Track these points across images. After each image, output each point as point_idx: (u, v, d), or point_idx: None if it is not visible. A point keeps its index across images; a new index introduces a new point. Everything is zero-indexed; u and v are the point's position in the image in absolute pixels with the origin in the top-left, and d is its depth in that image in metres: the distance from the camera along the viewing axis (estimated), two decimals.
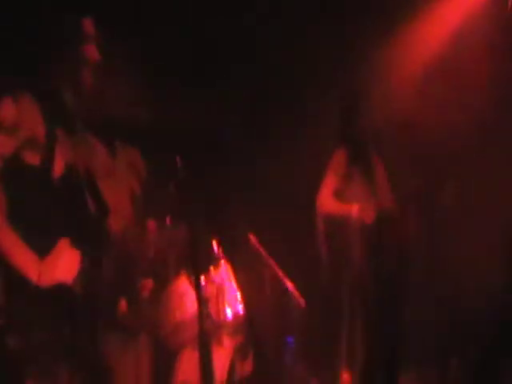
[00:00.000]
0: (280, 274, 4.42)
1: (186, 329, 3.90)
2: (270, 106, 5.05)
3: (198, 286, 2.93)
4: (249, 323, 4.16)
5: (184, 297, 3.95)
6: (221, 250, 4.28)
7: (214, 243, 4.28)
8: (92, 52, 2.42)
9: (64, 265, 2.32)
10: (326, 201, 3.99)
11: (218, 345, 3.86)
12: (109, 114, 2.65)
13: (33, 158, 2.33)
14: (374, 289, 3.92)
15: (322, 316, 4.50)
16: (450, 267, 4.42)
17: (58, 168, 2.39)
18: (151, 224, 3.69)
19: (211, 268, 4.13)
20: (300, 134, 4.73)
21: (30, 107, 2.31)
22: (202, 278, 3.98)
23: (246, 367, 3.96)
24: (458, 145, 4.58)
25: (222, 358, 3.78)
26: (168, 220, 3.88)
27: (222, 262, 4.22)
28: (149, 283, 3.68)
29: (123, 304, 3.29)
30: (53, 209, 2.37)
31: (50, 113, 2.35)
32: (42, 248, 2.35)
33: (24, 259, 2.26)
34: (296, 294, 4.36)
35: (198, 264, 2.92)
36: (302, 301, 4.35)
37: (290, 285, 4.39)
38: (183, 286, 3.99)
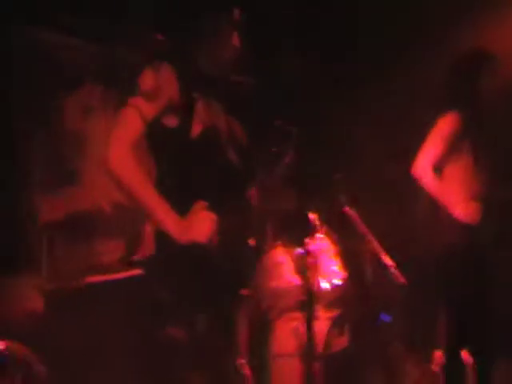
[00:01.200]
0: (379, 249, 4.30)
1: (282, 298, 3.89)
2: (373, 74, 4.93)
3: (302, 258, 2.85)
4: (346, 297, 4.09)
5: (280, 266, 3.93)
6: (318, 222, 4.23)
7: (312, 215, 4.23)
8: (235, 38, 2.67)
9: (200, 226, 2.50)
10: (424, 172, 3.51)
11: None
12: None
13: (172, 121, 2.53)
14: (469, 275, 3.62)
15: (420, 294, 4.36)
16: None
17: (196, 129, 2.58)
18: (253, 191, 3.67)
19: (308, 239, 4.08)
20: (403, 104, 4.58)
21: (168, 76, 2.50)
22: (299, 249, 3.95)
23: (341, 342, 3.89)
24: None
25: (317, 331, 3.71)
26: (268, 189, 3.85)
27: (319, 234, 4.17)
28: None
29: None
30: (193, 169, 2.57)
31: (187, 80, 2.55)
32: (184, 207, 2.54)
33: (165, 217, 2.47)
34: (396, 270, 4.24)
35: (302, 234, 2.87)
36: (402, 278, 4.22)
37: (389, 261, 4.27)
38: (280, 255, 3.97)
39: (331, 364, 3.71)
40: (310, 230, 4.11)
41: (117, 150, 2.40)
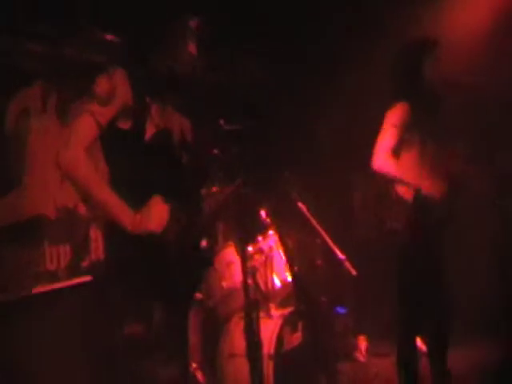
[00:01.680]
0: (330, 243, 4.32)
1: (234, 298, 3.87)
2: (323, 67, 4.95)
3: (244, 256, 2.89)
4: (298, 294, 4.10)
5: (231, 266, 3.91)
6: (269, 220, 4.22)
7: (263, 212, 4.22)
8: (193, 48, 2.80)
9: (153, 216, 2.63)
10: (385, 161, 3.49)
11: (266, 316, 3.81)
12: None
13: (126, 124, 2.67)
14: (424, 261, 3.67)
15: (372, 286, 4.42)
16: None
17: (150, 132, 2.72)
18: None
19: (259, 237, 4.08)
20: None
21: (122, 81, 2.64)
22: (250, 247, 3.94)
23: (295, 339, 3.90)
24: None
25: (269, 330, 3.72)
26: (216, 188, 3.82)
27: (271, 231, 4.16)
28: None
29: None
30: (145, 168, 2.68)
31: (139, 85, 2.68)
32: (136, 204, 2.67)
33: (120, 210, 2.60)
34: (347, 263, 4.26)
35: (247, 233, 2.90)
36: (352, 271, 4.25)
37: (340, 254, 4.29)
38: (231, 255, 3.95)
39: (284, 362, 3.70)
40: (261, 228, 4.12)
41: (71, 153, 2.57)
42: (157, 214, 2.64)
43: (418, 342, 3.93)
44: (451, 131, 3.69)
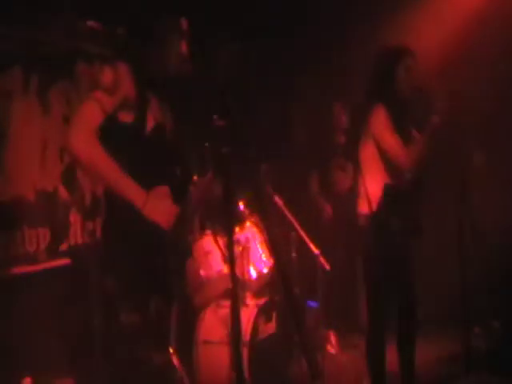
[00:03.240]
0: (305, 237, 4.40)
1: (211, 287, 3.93)
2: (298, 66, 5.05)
3: (229, 245, 2.91)
4: (272, 285, 4.17)
5: (209, 255, 3.97)
6: (247, 211, 4.28)
7: (241, 204, 4.28)
8: (184, 47, 2.88)
9: (165, 203, 2.71)
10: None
11: (242, 305, 3.87)
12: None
13: (127, 117, 2.71)
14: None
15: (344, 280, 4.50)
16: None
17: (150, 125, 2.77)
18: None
19: (237, 228, 4.13)
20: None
21: (125, 74, 2.69)
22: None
23: (269, 329, 3.97)
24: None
25: (245, 318, 3.78)
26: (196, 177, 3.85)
27: (248, 222, 4.22)
28: None
29: None
30: (144, 161, 2.72)
31: (141, 79, 2.73)
32: None
33: (132, 190, 2.65)
34: (321, 257, 4.35)
35: (230, 223, 2.93)
36: (326, 265, 4.33)
37: (315, 249, 4.37)
38: (208, 244, 4.00)
39: (258, 350, 3.76)
40: (239, 219, 4.17)
41: (79, 136, 2.59)
42: (164, 207, 2.70)
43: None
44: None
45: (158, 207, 2.68)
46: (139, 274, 2.68)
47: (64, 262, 3.79)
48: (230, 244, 2.67)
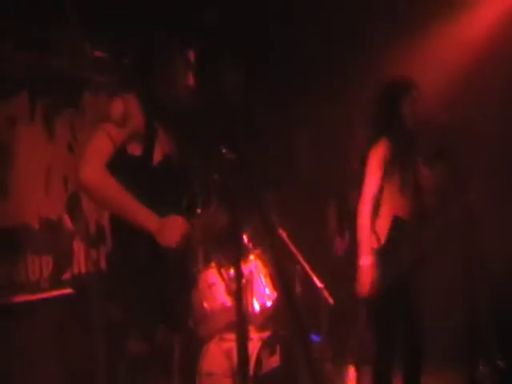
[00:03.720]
0: (309, 270, 4.36)
1: (214, 319, 3.88)
2: (309, 97, 5.08)
3: (237, 279, 2.87)
4: (276, 318, 4.11)
5: (213, 287, 3.92)
6: (251, 244, 4.25)
7: (245, 237, 4.25)
8: (190, 78, 2.90)
9: (175, 233, 2.69)
10: (365, 217, 3.61)
11: None
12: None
13: (136, 149, 2.71)
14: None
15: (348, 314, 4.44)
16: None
17: (158, 157, 2.76)
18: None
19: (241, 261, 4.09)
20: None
21: (134, 107, 2.69)
22: (231, 270, 3.95)
23: (273, 362, 3.91)
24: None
25: (249, 352, 3.72)
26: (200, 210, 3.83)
27: (251, 256, 4.19)
28: None
29: None
30: (152, 193, 2.69)
31: (149, 111, 2.74)
32: None
33: (146, 217, 2.64)
34: (325, 291, 4.30)
35: (238, 255, 2.89)
36: (330, 299, 4.29)
37: (318, 282, 4.34)
38: (212, 276, 3.96)
39: None
40: (243, 252, 4.14)
41: (89, 168, 2.57)
42: (179, 232, 2.69)
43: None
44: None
45: (175, 231, 2.67)
46: (146, 303, 2.65)
47: (67, 291, 3.74)
48: (238, 276, 2.65)
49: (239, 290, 2.71)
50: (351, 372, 4.64)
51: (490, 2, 5.06)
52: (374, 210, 3.67)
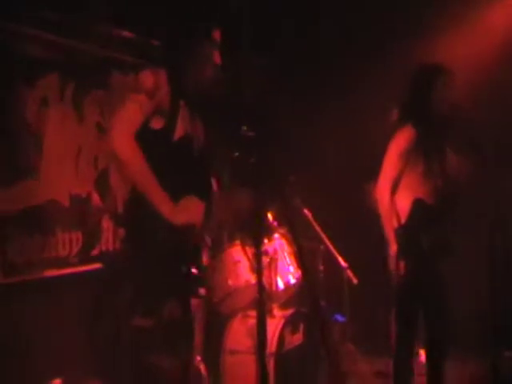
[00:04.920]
0: (333, 250, 4.41)
1: (238, 296, 3.93)
2: (334, 86, 5.09)
3: (257, 256, 2.92)
4: (300, 296, 4.16)
5: (237, 265, 3.97)
6: (276, 223, 4.29)
7: (270, 215, 4.29)
8: (217, 57, 2.95)
9: (192, 209, 2.80)
10: (382, 197, 3.63)
11: (268, 315, 3.86)
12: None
13: (158, 124, 2.77)
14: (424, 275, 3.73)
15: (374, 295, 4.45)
16: None
17: (179, 133, 2.82)
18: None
19: (265, 239, 4.14)
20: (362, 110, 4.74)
21: (163, 80, 2.75)
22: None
23: (295, 340, 3.96)
24: None
25: (272, 329, 3.78)
26: (227, 186, 3.89)
27: (277, 234, 4.23)
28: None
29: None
30: (171, 168, 2.78)
31: (177, 87, 2.79)
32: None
33: (161, 199, 2.71)
34: (349, 271, 4.35)
35: (259, 234, 2.95)
36: (354, 279, 4.33)
37: (343, 262, 4.38)
38: (237, 254, 4.01)
39: (284, 361, 3.76)
40: (267, 230, 4.19)
41: (121, 136, 2.64)
42: (195, 208, 2.80)
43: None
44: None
45: (187, 212, 2.76)
46: (155, 281, 2.72)
47: (95, 266, 3.84)
48: (258, 255, 2.70)
49: (259, 268, 2.76)
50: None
51: None
52: (393, 192, 3.68)
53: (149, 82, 2.70)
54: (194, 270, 2.89)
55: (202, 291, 3.76)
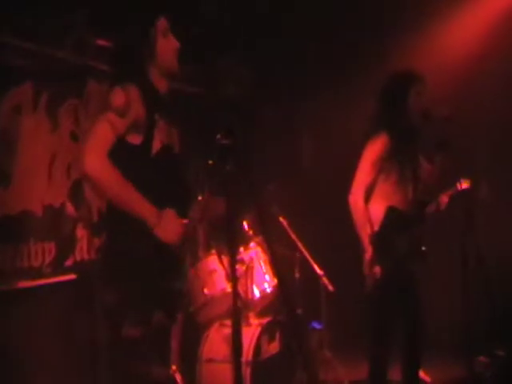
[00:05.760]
0: (309, 257, 4.41)
1: (215, 305, 3.92)
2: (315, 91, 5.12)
3: (232, 265, 2.91)
4: (276, 305, 4.16)
5: (213, 274, 3.96)
6: (251, 231, 4.29)
7: (245, 224, 4.29)
8: (172, 42, 2.87)
9: (172, 230, 2.74)
10: (356, 204, 3.64)
11: (245, 324, 3.86)
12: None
13: (136, 139, 2.73)
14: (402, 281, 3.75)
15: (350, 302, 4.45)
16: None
17: (156, 146, 2.79)
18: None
19: (241, 248, 4.14)
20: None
21: (134, 96, 2.71)
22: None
23: (272, 349, 3.95)
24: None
25: (248, 337, 3.77)
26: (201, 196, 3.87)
27: (252, 242, 4.23)
28: None
29: None
30: (151, 182, 2.74)
31: (149, 101, 2.75)
32: None
33: (146, 209, 2.68)
34: (325, 278, 4.35)
35: (234, 242, 2.93)
36: (330, 286, 4.34)
37: (318, 269, 4.38)
38: (213, 263, 4.00)
39: (261, 370, 3.75)
40: (243, 239, 4.19)
41: (92, 157, 2.60)
42: (173, 228, 2.73)
43: None
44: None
45: (169, 227, 2.71)
46: (140, 290, 2.68)
47: (69, 277, 3.80)
48: (233, 262, 2.69)
49: (234, 276, 2.76)
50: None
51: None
52: (367, 199, 3.70)
53: (119, 100, 2.66)
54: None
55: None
